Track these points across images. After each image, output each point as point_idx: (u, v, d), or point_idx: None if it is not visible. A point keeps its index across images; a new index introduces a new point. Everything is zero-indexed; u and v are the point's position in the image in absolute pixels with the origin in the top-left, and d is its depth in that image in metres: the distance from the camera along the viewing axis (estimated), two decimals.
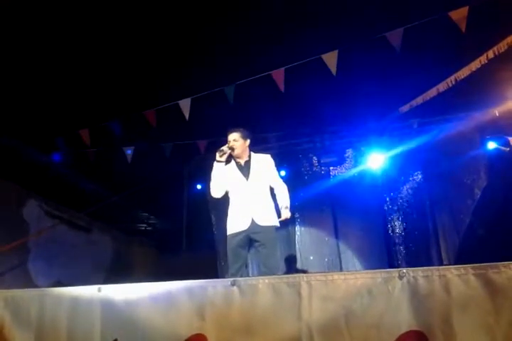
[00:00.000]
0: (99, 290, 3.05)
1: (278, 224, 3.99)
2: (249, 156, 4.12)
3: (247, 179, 4.01)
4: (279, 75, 4.66)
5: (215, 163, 4.03)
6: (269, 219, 3.94)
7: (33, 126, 5.82)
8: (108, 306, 2.97)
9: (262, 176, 4.05)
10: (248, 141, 4.10)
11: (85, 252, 7.64)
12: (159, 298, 2.85)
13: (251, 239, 3.90)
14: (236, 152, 4.04)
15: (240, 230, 3.90)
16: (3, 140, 5.99)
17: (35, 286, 6.22)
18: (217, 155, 3.98)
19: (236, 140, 4.05)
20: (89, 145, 5.87)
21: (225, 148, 3.99)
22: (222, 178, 4.03)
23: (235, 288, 2.68)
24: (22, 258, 6.65)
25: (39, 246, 6.89)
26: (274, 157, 4.24)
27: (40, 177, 6.50)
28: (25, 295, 3.44)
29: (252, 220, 3.88)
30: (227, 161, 4.10)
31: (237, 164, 4.10)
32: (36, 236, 6.79)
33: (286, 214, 3.95)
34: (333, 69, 4.47)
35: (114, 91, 5.51)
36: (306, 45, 4.66)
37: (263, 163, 4.13)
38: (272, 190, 4.11)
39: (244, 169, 4.06)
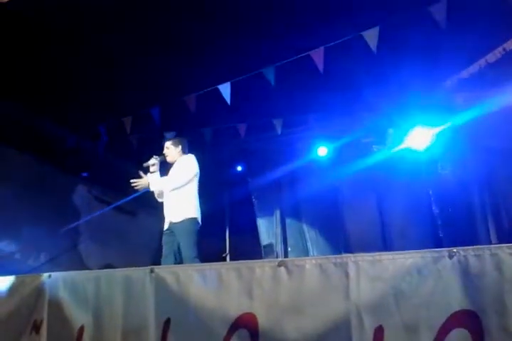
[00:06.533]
0: (152, 271, 3.17)
1: None
2: None
3: None
4: (318, 55, 4.58)
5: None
6: None
7: (78, 114, 6.02)
8: (161, 286, 3.08)
9: None
10: (180, 147, 4.43)
11: (132, 235, 7.88)
12: (209, 278, 2.93)
13: None
14: (168, 160, 4.39)
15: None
16: (49, 128, 6.23)
17: (87, 268, 6.51)
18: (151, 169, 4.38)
19: (167, 147, 4.41)
20: (130, 131, 6.04)
21: (150, 161, 4.40)
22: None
23: (282, 268, 2.71)
24: (74, 241, 6.98)
25: (89, 230, 7.19)
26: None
27: (88, 163, 6.74)
28: (81, 277, 3.63)
29: None
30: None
31: None
32: (86, 221, 7.10)
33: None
34: (373, 46, 4.36)
35: (155, 78, 5.59)
36: (345, 23, 4.54)
37: None
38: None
39: None
